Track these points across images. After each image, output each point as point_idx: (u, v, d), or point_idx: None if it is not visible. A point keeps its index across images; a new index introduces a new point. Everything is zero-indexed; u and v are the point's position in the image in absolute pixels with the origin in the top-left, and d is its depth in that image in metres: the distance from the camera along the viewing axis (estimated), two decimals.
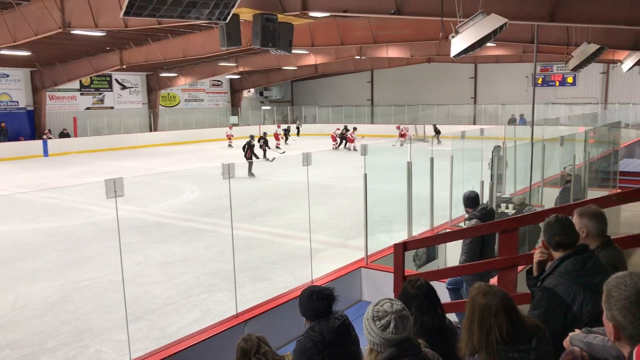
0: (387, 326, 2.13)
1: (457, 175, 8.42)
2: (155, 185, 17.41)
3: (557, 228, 2.96)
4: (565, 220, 3.01)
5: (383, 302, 2.21)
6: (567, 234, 2.93)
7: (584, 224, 3.09)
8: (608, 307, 1.76)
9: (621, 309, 1.70)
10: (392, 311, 2.16)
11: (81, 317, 6.90)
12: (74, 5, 14.13)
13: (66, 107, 32.03)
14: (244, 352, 2.92)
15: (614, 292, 1.74)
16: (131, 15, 4.91)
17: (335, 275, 6.22)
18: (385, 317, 2.15)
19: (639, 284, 1.72)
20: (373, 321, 2.16)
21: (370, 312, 2.19)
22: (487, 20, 6.93)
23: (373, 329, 2.15)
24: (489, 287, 2.29)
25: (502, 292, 2.26)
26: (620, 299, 1.71)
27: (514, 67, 33.39)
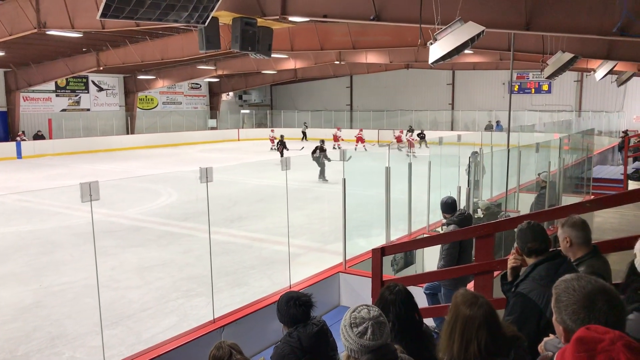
0: (364, 333, 2.13)
1: (434, 181, 8.49)
2: (132, 188, 17.20)
3: (529, 234, 3.00)
4: (537, 226, 3.06)
5: (360, 309, 2.21)
6: (539, 240, 2.98)
7: (567, 234, 3.12)
8: (558, 311, 1.78)
9: (570, 314, 1.72)
10: (370, 317, 2.16)
11: (54, 322, 6.77)
12: (49, 5, 13.90)
13: (41, 109, 31.47)
14: None
15: (563, 296, 1.76)
16: (108, 17, 4.85)
17: (313, 280, 6.21)
18: (362, 323, 2.14)
19: (586, 288, 1.74)
20: (350, 328, 2.15)
21: (348, 319, 2.18)
22: (464, 28, 7.01)
23: (350, 336, 2.14)
24: (475, 298, 2.26)
25: (487, 304, 2.24)
26: (569, 304, 1.73)
27: (491, 74, 33.86)
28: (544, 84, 33.47)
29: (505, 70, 31.10)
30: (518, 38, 12.39)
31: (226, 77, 37.21)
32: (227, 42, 10.39)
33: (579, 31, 8.27)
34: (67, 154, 28.75)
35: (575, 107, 32.83)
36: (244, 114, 44.22)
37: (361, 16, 9.39)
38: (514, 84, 33.59)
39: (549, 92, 33.68)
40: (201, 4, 5.01)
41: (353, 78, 40.91)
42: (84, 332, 6.40)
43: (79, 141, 30.63)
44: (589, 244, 3.14)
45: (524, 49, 14.04)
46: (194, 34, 17.72)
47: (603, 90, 30.92)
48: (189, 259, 9.40)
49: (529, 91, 34.35)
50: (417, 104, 37.95)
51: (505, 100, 33.39)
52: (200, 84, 40.81)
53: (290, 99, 44.62)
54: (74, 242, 10.45)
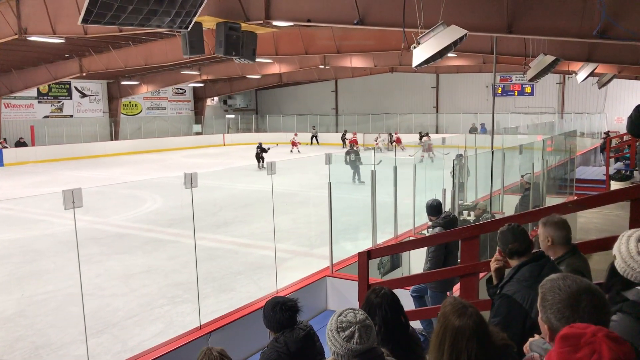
0: (351, 337, 2.12)
1: (420, 184, 8.53)
2: (116, 195, 17.05)
3: (510, 236, 3.04)
4: (518, 227, 3.10)
5: (346, 313, 2.20)
6: (519, 241, 3.01)
7: (548, 233, 3.16)
8: (543, 310, 1.80)
9: (555, 312, 1.74)
10: (356, 321, 2.15)
11: (38, 332, 6.67)
12: (30, 11, 13.75)
13: (23, 116, 31.09)
14: None
15: (548, 295, 1.79)
16: (89, 22, 4.81)
17: (300, 285, 6.20)
18: (349, 327, 2.13)
19: (572, 287, 1.76)
20: (337, 332, 2.14)
21: (334, 323, 2.17)
22: (447, 32, 7.06)
23: (337, 340, 2.13)
24: (464, 307, 2.21)
25: (476, 314, 2.22)
26: (554, 303, 1.76)
27: (475, 77, 34.15)
28: (527, 87, 33.84)
29: (489, 73, 31.37)
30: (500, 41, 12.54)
31: (211, 82, 37.08)
32: (211, 47, 10.36)
33: (559, 34, 8.37)
34: (50, 161, 28.42)
35: (558, 109, 33.23)
36: (229, 118, 44.09)
37: (345, 20, 9.41)
38: (497, 86, 33.90)
39: (531, 94, 34.05)
40: (183, 9, 4.99)
41: (338, 82, 41.02)
42: (69, 341, 6.32)
43: (62, 148, 30.28)
44: (569, 243, 3.19)
45: (506, 52, 14.17)
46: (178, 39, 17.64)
47: (585, 92, 31.33)
48: (174, 265, 9.33)
49: (512, 94, 34.69)
50: (402, 108, 38.14)
51: (489, 102, 33.69)
52: (184, 89, 40.62)
53: (275, 104, 44.59)
54: (57, 250, 10.32)
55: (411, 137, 30.17)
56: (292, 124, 41.59)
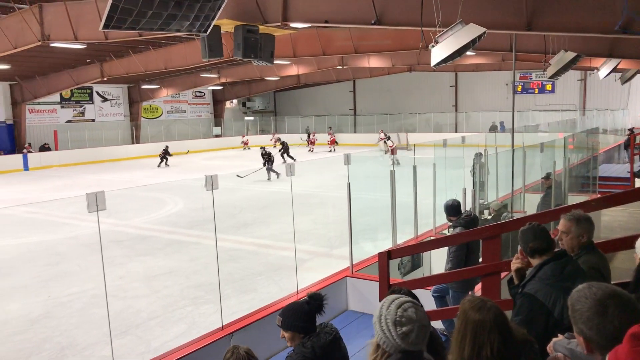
0: (408, 335, 2.03)
1: (440, 183, 8.48)
2: (137, 198, 17.26)
3: (531, 235, 3.01)
4: (538, 226, 3.07)
5: (407, 306, 2.09)
6: (540, 239, 2.99)
7: (584, 229, 3.14)
8: (574, 321, 1.79)
9: (586, 322, 1.74)
10: (416, 319, 2.06)
11: (63, 333, 6.79)
12: (53, 18, 14.01)
13: (46, 121, 31.67)
14: None
15: (577, 306, 1.78)
16: (110, 28, 4.88)
17: (320, 285, 6.21)
18: (408, 324, 2.04)
19: (597, 294, 1.75)
20: (394, 325, 2.04)
21: (392, 314, 2.06)
22: (465, 30, 7.01)
23: (391, 333, 2.04)
24: (482, 302, 2.22)
25: (495, 308, 2.21)
26: (582, 312, 1.75)
27: (494, 75, 33.83)
28: (547, 84, 33.42)
29: (508, 71, 31.00)
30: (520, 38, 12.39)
31: (229, 84, 37.34)
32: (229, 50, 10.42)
33: (580, 30, 8.26)
34: (73, 164, 28.88)
35: (579, 106, 32.75)
36: (248, 121, 44.33)
37: (362, 21, 9.40)
38: (517, 84, 33.55)
39: (552, 91, 33.62)
40: (202, 13, 5.04)
41: (356, 82, 40.97)
42: (93, 342, 6.42)
43: (84, 152, 30.76)
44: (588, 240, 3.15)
45: (526, 49, 14.02)
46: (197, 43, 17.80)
47: (607, 88, 30.82)
48: (196, 266, 9.42)
49: (532, 91, 34.29)
50: (420, 107, 37.94)
51: (508, 100, 33.34)
52: (204, 92, 40.96)
53: (293, 105, 44.70)
54: (81, 253, 10.49)
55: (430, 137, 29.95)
56: (309, 125, 41.70)
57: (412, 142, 27.76)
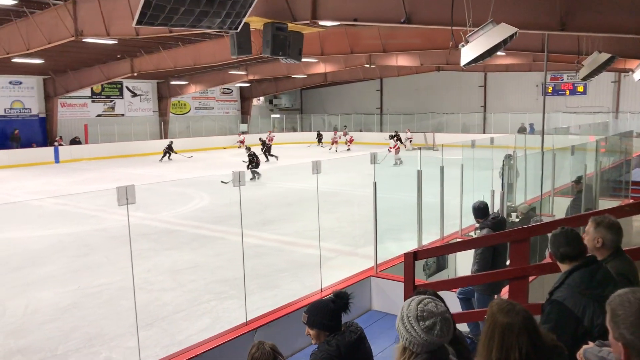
0: (432, 328, 2.03)
1: (467, 184, 8.39)
2: (165, 192, 17.49)
3: (563, 240, 2.95)
4: (571, 231, 3.00)
5: (427, 301, 2.11)
6: (572, 245, 2.92)
7: (600, 234, 3.06)
8: (615, 327, 1.74)
9: (629, 326, 1.69)
10: (438, 312, 2.07)
11: (91, 323, 6.93)
12: (86, 13, 14.28)
13: (77, 114, 32.30)
14: None
15: (619, 310, 1.73)
16: (143, 24, 4.96)
17: (344, 284, 6.21)
18: (430, 317, 2.04)
19: None
20: (416, 320, 2.05)
21: (413, 311, 2.07)
22: (497, 30, 6.92)
23: (415, 329, 2.04)
24: (511, 305, 2.19)
25: (524, 311, 2.18)
26: (626, 317, 1.70)
27: (524, 76, 33.28)
28: (579, 86, 32.74)
29: (539, 72, 30.50)
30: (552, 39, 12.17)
31: (257, 81, 37.54)
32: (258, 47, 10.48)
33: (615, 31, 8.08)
34: (102, 158, 29.41)
35: (613, 109, 31.99)
36: (275, 118, 44.52)
37: (392, 19, 9.35)
38: (547, 85, 32.95)
39: (584, 93, 32.93)
40: (234, 10, 5.08)
41: (383, 81, 40.76)
42: (120, 333, 6.53)
43: (113, 146, 31.29)
44: (616, 247, 3.08)
45: (558, 50, 13.77)
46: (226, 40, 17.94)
47: None
48: (220, 261, 9.51)
49: (564, 93, 33.64)
50: (448, 107, 37.57)
51: (538, 102, 32.80)
52: (231, 89, 41.27)
53: (320, 103, 44.71)
54: (109, 245, 10.68)
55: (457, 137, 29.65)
56: (336, 123, 41.68)
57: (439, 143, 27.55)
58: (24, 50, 16.88)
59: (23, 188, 19.22)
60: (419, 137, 32.86)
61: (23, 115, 29.77)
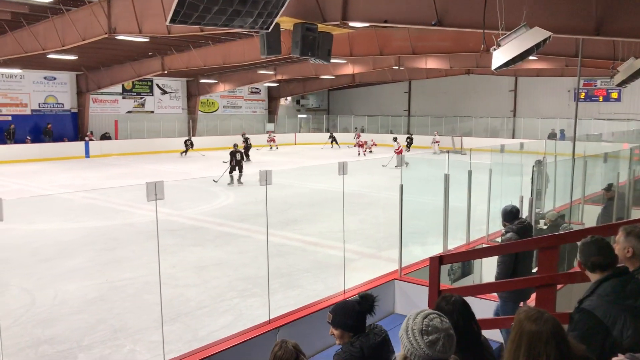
0: (435, 343, 2.08)
1: (495, 190, 8.28)
2: (191, 189, 17.68)
3: (594, 249, 2.88)
4: (602, 240, 2.94)
5: (432, 317, 2.15)
6: (603, 254, 2.86)
7: (630, 243, 2.98)
8: None
9: None
10: (443, 329, 2.12)
11: (116, 316, 7.03)
12: (119, 11, 14.54)
13: (108, 110, 32.88)
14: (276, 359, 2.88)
15: None
16: (177, 23, 5.02)
17: (368, 286, 6.17)
18: (434, 333, 2.10)
19: None
20: (420, 334, 2.10)
21: (418, 324, 2.12)
22: (530, 34, 6.81)
23: (418, 342, 2.10)
24: (539, 313, 2.16)
25: (553, 319, 2.13)
26: None
27: (556, 81, 32.71)
28: (614, 92, 32.02)
29: (572, 77, 29.94)
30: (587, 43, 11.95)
31: (285, 81, 37.70)
32: (287, 48, 10.52)
33: None
34: (131, 154, 29.88)
35: None
36: (301, 118, 44.63)
37: (422, 21, 9.30)
38: (580, 91, 32.31)
39: (618, 100, 32.19)
40: (266, 10, 5.11)
41: (411, 83, 40.51)
42: (144, 326, 6.62)
43: (142, 142, 31.78)
44: None
45: (592, 55, 13.51)
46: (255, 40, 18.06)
47: None
48: (244, 259, 9.56)
49: (597, 99, 32.94)
50: (477, 111, 37.15)
51: (570, 108, 32.16)
52: (259, 89, 41.52)
53: (347, 104, 44.67)
54: (135, 240, 10.84)
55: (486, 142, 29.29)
56: (362, 124, 41.60)
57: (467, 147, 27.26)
58: (59, 46, 17.27)
59: (54, 181, 19.65)
60: (446, 140, 32.54)
61: (56, 110, 30.44)
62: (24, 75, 28.47)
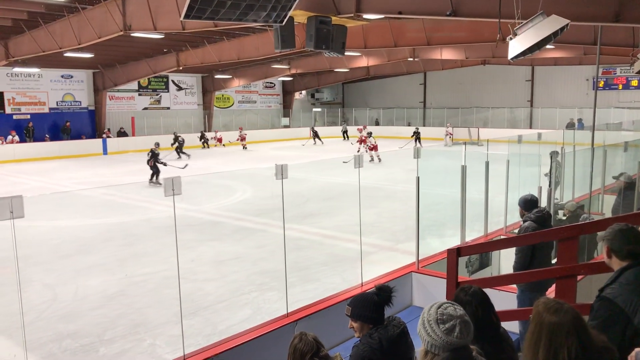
0: (452, 330, 2.13)
1: (513, 181, 8.20)
2: (208, 184, 17.79)
3: (632, 236, 2.85)
4: (635, 229, 2.91)
5: (446, 306, 2.21)
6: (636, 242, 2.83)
7: None
8: None
9: None
10: (457, 315, 2.17)
11: (137, 311, 7.12)
12: (134, 9, 14.64)
13: (125, 107, 33.18)
14: (301, 353, 2.86)
15: None
16: (191, 18, 5.04)
17: (385, 279, 6.17)
18: (450, 320, 2.15)
19: None
20: (436, 324, 2.15)
21: (433, 315, 2.18)
22: (547, 22, 6.71)
23: (435, 332, 2.15)
24: (559, 304, 2.15)
25: (573, 310, 2.12)
26: None
27: (574, 70, 32.23)
28: (633, 80, 31.45)
29: (590, 66, 29.49)
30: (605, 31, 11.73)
31: (299, 75, 37.71)
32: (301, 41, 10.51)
33: None
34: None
35: None
36: (316, 112, 44.61)
37: (437, 12, 9.23)
38: (599, 79, 31.81)
39: (638, 87, 31.65)
40: (279, 3, 5.10)
41: (427, 74, 40.23)
42: (164, 321, 6.69)
43: (159, 138, 31.87)
44: None
45: (611, 43, 13.28)
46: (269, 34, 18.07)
47: None
48: (262, 253, 9.61)
49: (616, 87, 32.40)
50: (493, 101, 36.79)
51: (588, 97, 31.71)
52: (274, 83, 41.58)
53: (361, 97, 44.53)
54: (154, 235, 10.95)
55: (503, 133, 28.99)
56: (377, 117, 41.47)
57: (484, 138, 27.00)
58: (76, 44, 17.45)
59: (73, 178, 19.91)
60: (462, 131, 32.29)
61: (74, 108, 30.81)
62: (42, 74, 28.84)
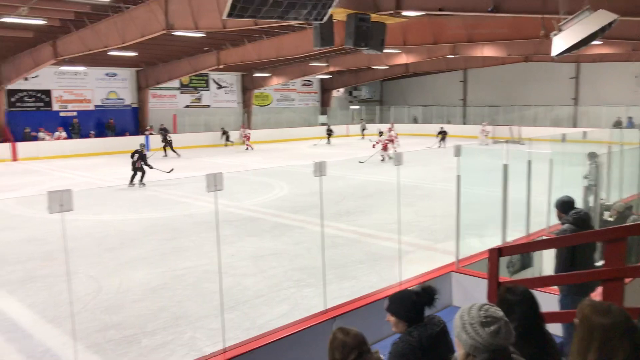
0: (498, 332, 2.11)
1: (556, 180, 8.01)
2: (248, 181, 18.00)
3: None
4: None
5: (487, 307, 2.17)
6: None
7: None
8: None
9: None
10: (500, 317, 2.15)
11: (178, 304, 7.27)
12: (176, 8, 14.93)
13: (167, 105, 33.88)
14: (350, 348, 2.77)
15: None
16: (233, 16, 5.11)
17: (424, 278, 6.13)
18: (495, 322, 2.12)
19: None
20: (481, 326, 2.12)
21: (476, 317, 2.14)
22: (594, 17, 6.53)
23: (480, 335, 2.11)
24: (607, 306, 2.07)
25: (622, 311, 2.05)
26: None
27: (621, 66, 31.16)
28: None
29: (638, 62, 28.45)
30: None
31: (337, 73, 37.70)
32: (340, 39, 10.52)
33: None
34: (189, 147, 30.67)
35: None
36: (354, 109, 44.54)
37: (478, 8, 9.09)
38: None
39: None
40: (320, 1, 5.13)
41: (467, 72, 39.64)
42: (204, 314, 6.82)
43: (199, 136, 32.59)
44: None
45: None
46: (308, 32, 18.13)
47: None
48: (299, 250, 9.67)
49: None
50: (536, 99, 35.94)
51: (637, 94, 30.66)
52: (312, 81, 41.71)
53: (400, 94, 44.20)
54: (195, 230, 11.15)
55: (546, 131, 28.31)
56: (416, 114, 41.10)
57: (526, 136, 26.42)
58: (120, 43, 17.93)
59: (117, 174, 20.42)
60: (504, 130, 31.67)
61: (117, 106, 31.64)
62: (87, 72, 29.73)
